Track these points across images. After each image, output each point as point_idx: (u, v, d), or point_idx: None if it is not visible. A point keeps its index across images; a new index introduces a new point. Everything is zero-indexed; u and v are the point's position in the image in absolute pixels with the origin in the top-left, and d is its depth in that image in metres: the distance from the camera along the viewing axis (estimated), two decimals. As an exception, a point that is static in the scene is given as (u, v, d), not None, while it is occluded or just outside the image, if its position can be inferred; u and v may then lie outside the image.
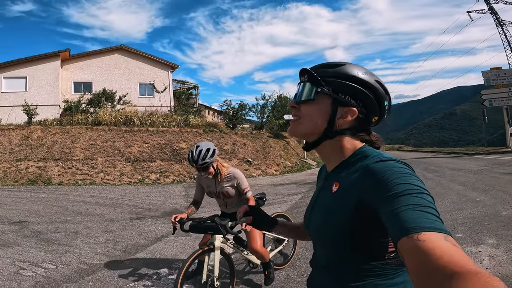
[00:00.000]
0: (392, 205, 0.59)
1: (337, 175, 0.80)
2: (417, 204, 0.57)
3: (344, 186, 0.76)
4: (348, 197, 0.72)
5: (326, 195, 0.82)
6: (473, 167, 11.55)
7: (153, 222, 5.62)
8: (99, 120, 15.00)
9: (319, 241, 0.85)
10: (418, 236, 0.51)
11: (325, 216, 0.79)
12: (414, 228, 0.53)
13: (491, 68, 21.27)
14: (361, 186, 0.70)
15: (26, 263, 3.63)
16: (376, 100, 0.79)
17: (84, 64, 20.23)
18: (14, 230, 5.02)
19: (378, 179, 0.66)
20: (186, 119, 16.77)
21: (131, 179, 11.33)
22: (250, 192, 2.71)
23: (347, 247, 0.74)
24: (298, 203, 6.99)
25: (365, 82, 0.78)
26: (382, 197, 0.63)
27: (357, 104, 0.78)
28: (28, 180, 10.52)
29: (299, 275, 3.13)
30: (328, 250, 0.80)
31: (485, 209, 5.18)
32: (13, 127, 13.74)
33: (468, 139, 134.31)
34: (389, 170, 0.66)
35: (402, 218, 0.56)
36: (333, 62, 0.82)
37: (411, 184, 0.61)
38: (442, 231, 0.52)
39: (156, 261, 3.72)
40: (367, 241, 0.71)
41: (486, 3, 26.92)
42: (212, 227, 2.31)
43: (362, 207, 0.69)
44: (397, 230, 0.56)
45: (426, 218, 0.54)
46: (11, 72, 17.72)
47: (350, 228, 0.71)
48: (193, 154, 2.45)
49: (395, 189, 0.61)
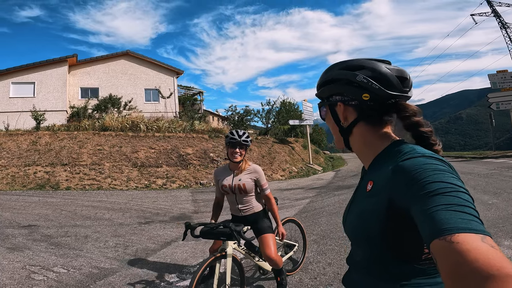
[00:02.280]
0: (423, 205, 0.57)
1: (371, 174, 0.80)
2: (451, 203, 0.54)
3: (377, 184, 0.74)
4: (380, 196, 0.71)
5: (362, 194, 0.81)
6: (482, 171, 11.40)
7: (162, 227, 5.61)
8: (106, 126, 15.11)
9: (354, 240, 0.85)
10: (451, 238, 0.49)
11: (360, 216, 0.78)
12: (448, 230, 0.50)
13: (498, 71, 21.12)
14: (392, 185, 0.68)
15: (37, 267, 3.63)
16: (346, 83, 0.82)
17: (91, 69, 20.45)
18: (24, 234, 5.04)
19: (408, 177, 0.63)
20: (192, 125, 16.83)
21: (138, 184, 11.36)
22: (269, 189, 2.72)
23: (380, 247, 0.72)
24: (306, 207, 6.94)
25: (330, 79, 0.86)
26: (413, 197, 0.60)
27: (342, 97, 0.84)
28: (36, 185, 10.60)
29: (312, 278, 3.10)
30: (363, 250, 0.80)
31: (498, 212, 5.10)
32: (21, 132, 13.90)
33: (474, 144, 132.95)
34: (419, 168, 0.63)
35: (435, 219, 0.53)
36: None
37: (444, 182, 0.59)
38: (479, 232, 0.49)
39: (167, 265, 3.70)
40: (401, 242, 0.70)
41: (489, 6, 26.90)
42: (225, 233, 2.24)
43: (393, 207, 0.67)
44: (429, 231, 0.53)
45: (460, 218, 0.52)
46: (19, 77, 17.92)
47: (382, 228, 0.70)
48: (237, 132, 2.60)
49: (426, 188, 0.58)
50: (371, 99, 0.78)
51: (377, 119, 0.81)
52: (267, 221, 2.73)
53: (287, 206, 7.16)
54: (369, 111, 0.80)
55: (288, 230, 3.41)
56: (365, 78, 0.78)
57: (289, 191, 9.92)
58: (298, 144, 21.21)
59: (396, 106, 0.79)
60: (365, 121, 0.81)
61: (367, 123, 0.81)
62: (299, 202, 7.75)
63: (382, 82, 0.77)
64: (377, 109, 0.80)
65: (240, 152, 2.60)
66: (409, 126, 0.77)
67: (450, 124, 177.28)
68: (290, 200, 8.07)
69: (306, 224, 5.27)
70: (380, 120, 0.81)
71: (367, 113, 0.81)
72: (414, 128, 0.77)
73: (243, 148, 2.62)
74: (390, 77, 0.77)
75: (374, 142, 0.81)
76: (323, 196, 8.39)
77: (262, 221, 2.69)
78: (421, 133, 0.76)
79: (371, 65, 0.79)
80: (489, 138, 28.25)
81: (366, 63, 0.80)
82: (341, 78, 0.82)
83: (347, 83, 0.81)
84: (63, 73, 18.56)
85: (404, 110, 0.78)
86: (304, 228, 3.56)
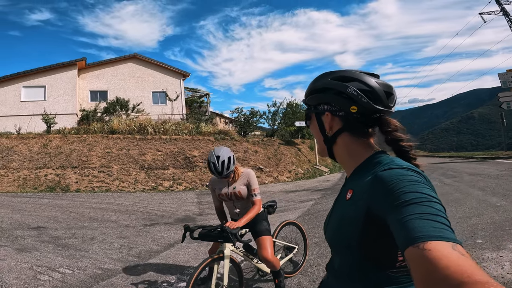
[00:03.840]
0: (399, 214, 0.59)
1: (351, 182, 0.82)
2: (424, 212, 0.56)
3: (356, 193, 0.76)
4: (359, 205, 0.73)
5: (342, 202, 0.83)
6: (492, 171, 11.18)
7: (166, 229, 5.68)
8: (114, 129, 15.36)
9: (333, 248, 0.87)
10: (424, 245, 0.51)
11: (339, 223, 0.80)
12: (420, 237, 0.52)
13: (507, 70, 20.67)
14: (370, 194, 0.70)
15: (43, 267, 3.73)
16: (336, 94, 0.82)
17: (100, 73, 20.80)
18: (33, 236, 5.17)
19: (385, 187, 0.65)
20: (198, 127, 16.95)
21: (145, 186, 11.51)
22: (260, 196, 2.67)
23: (358, 255, 0.74)
24: (310, 209, 6.93)
25: (321, 87, 0.86)
26: (389, 206, 0.62)
27: (330, 107, 0.85)
28: (47, 187, 10.84)
29: (311, 281, 3.10)
30: (341, 257, 0.82)
31: (505, 214, 5.00)
32: (32, 135, 14.25)
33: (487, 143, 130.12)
34: (396, 178, 0.65)
35: (409, 227, 0.55)
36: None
37: (418, 193, 0.60)
38: (450, 240, 0.51)
39: (169, 267, 3.75)
40: (377, 249, 0.71)
41: (498, 5, 26.31)
42: (222, 235, 2.30)
43: (371, 215, 0.69)
44: (403, 239, 0.55)
45: (433, 227, 0.53)
46: (30, 81, 18.31)
47: (360, 236, 0.72)
48: (216, 166, 2.43)
49: (402, 198, 0.60)
50: (358, 112, 0.80)
51: (361, 131, 0.83)
52: (265, 223, 2.75)
53: (291, 209, 7.16)
54: (355, 123, 0.82)
55: (288, 233, 3.43)
56: (355, 91, 0.79)
57: (294, 193, 9.91)
58: (305, 145, 21.13)
59: (380, 120, 0.81)
60: (349, 131, 0.83)
61: (351, 134, 0.83)
62: (303, 204, 7.74)
63: (371, 96, 0.79)
64: (362, 122, 0.82)
65: (226, 180, 2.61)
66: (390, 141, 0.80)
67: (462, 123, 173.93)
68: (295, 202, 8.06)
69: (309, 227, 5.27)
70: (364, 131, 0.83)
71: (352, 125, 0.82)
72: (395, 143, 0.80)
73: (229, 176, 2.56)
74: (379, 92, 0.79)
75: (357, 152, 0.83)
76: (328, 198, 8.35)
77: (260, 224, 2.71)
78: (401, 147, 0.79)
79: (362, 78, 0.81)
80: (502, 137, 27.56)
81: (357, 75, 0.82)
82: (332, 88, 0.83)
83: (337, 93, 0.82)
84: (72, 76, 18.94)
85: (387, 125, 0.80)
86: (305, 231, 3.56)
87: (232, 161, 2.50)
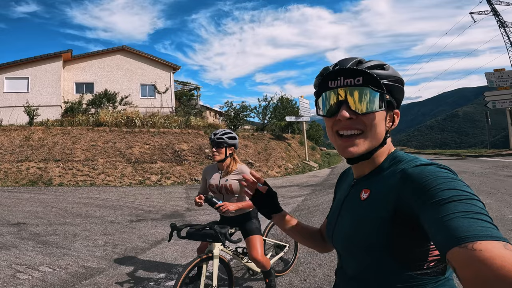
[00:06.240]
0: (438, 213, 0.55)
1: (366, 182, 0.77)
2: (467, 211, 0.53)
3: (376, 192, 0.72)
4: (382, 204, 0.69)
5: (354, 203, 0.78)
6: (477, 169, 11.43)
7: (153, 225, 5.55)
8: (100, 121, 14.96)
9: (348, 251, 0.80)
10: (473, 246, 0.48)
11: (355, 225, 0.75)
12: (468, 237, 0.49)
13: (495, 70, 21.14)
14: (399, 192, 0.66)
15: (23, 266, 3.56)
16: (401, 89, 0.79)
17: (86, 65, 20.23)
18: (13, 232, 4.95)
19: (419, 184, 0.62)
20: (187, 120, 16.71)
21: (132, 180, 11.27)
22: None
23: (380, 257, 0.70)
24: (300, 205, 6.90)
25: (397, 78, 0.76)
26: (425, 204, 0.58)
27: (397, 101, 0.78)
28: (28, 181, 10.48)
29: (302, 280, 3.05)
30: (359, 260, 0.76)
31: (491, 213, 5.06)
32: (14, 127, 13.73)
33: (470, 141, 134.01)
34: (431, 175, 0.62)
35: (452, 227, 0.52)
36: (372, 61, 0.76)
37: (458, 190, 0.57)
38: (500, 239, 0.48)
39: (156, 265, 3.64)
40: (403, 250, 0.67)
41: (489, 5, 26.80)
42: (211, 234, 2.22)
43: (399, 215, 0.65)
44: (445, 239, 0.52)
45: (479, 226, 0.51)
46: (13, 72, 17.74)
47: (384, 237, 0.68)
48: (216, 132, 2.55)
49: (440, 195, 0.57)
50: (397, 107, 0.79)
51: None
52: (255, 222, 2.67)
53: (281, 204, 7.06)
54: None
55: (279, 230, 3.36)
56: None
57: (283, 189, 9.89)
58: (295, 140, 21.18)
59: None
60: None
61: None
62: (293, 200, 7.71)
63: None
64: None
65: (217, 151, 2.52)
66: None
67: (446, 121, 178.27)
68: (285, 198, 8.03)
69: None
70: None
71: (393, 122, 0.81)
72: None
73: (220, 147, 2.52)
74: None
75: (383, 153, 0.78)
76: (318, 194, 8.36)
77: (250, 222, 2.63)
78: None
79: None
80: (485, 136, 28.37)
81: None
82: (400, 79, 0.77)
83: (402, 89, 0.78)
84: (57, 68, 18.35)
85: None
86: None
87: (230, 136, 2.53)
